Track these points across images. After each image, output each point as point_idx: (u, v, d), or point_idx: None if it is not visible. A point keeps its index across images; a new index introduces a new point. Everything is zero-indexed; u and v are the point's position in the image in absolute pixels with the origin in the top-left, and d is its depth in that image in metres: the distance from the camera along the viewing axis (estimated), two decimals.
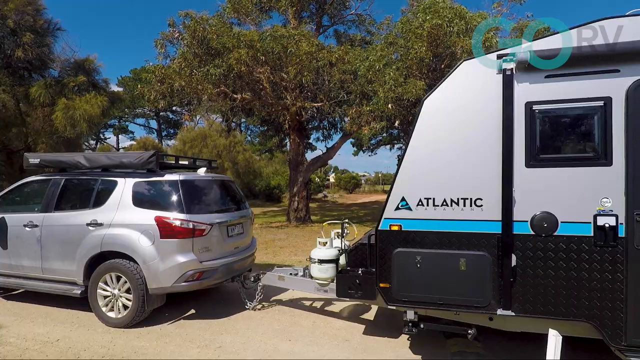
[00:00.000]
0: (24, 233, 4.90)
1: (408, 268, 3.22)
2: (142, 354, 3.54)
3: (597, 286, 2.80)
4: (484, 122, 3.05)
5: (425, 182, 3.22)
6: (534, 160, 2.95)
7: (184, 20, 11.99)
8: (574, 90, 2.87)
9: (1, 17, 10.37)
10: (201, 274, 4.44)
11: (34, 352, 3.63)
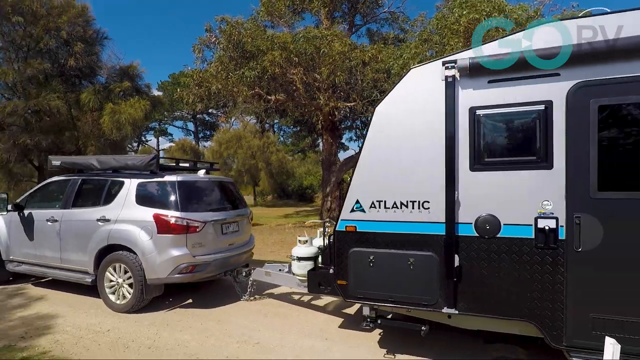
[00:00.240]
0: (47, 227, 5.49)
1: (362, 267, 3.40)
2: (184, 346, 3.72)
3: (539, 287, 2.87)
4: (430, 127, 3.14)
5: (378, 186, 3.37)
6: (478, 164, 3.02)
7: (220, 25, 12.39)
8: (516, 95, 2.92)
9: (56, 29, 11.21)
10: (194, 267, 4.82)
11: (87, 340, 3.90)
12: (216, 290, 5.80)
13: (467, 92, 3.06)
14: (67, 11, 11.47)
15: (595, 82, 2.70)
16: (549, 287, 2.84)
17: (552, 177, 2.82)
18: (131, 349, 3.70)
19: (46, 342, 3.86)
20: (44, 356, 3.54)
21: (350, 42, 12.70)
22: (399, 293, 3.27)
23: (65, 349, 3.69)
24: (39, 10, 11.12)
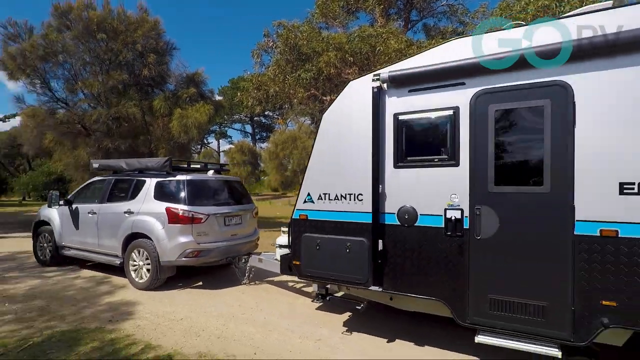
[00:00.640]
0: (88, 218, 6.64)
1: (311, 249, 4.00)
2: (250, 338, 3.94)
3: (448, 271, 3.31)
4: (364, 131, 3.68)
5: (324, 181, 3.98)
6: (401, 162, 3.54)
7: (277, 30, 12.78)
8: (430, 102, 3.41)
9: (132, 43, 12.33)
10: (199, 253, 5.70)
11: (164, 327, 4.25)
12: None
13: (392, 100, 3.61)
14: (142, 26, 12.57)
15: (493, 90, 3.13)
16: (456, 270, 3.28)
17: (458, 173, 3.26)
18: (202, 337, 3.99)
19: (129, 326, 4.30)
20: (129, 339, 3.93)
21: (406, 39, 12.44)
22: (339, 273, 3.85)
23: (145, 334, 4.07)
24: (119, 26, 12.32)
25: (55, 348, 3.72)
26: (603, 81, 2.77)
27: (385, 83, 3.61)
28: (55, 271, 6.87)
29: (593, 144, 2.80)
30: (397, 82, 3.54)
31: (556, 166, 2.92)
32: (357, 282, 3.73)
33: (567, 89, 2.89)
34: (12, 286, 5.93)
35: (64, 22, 12.12)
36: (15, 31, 12.24)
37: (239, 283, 6.04)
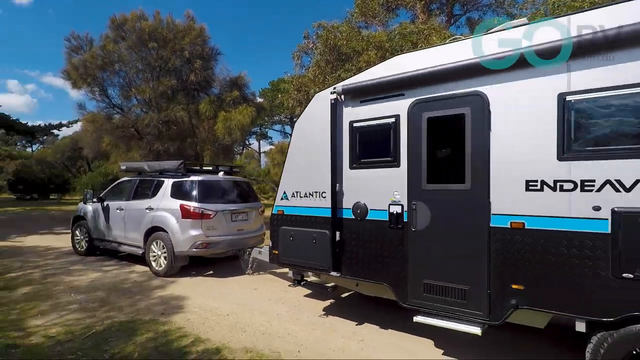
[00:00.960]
0: (117, 214, 7.55)
1: (286, 240, 4.60)
2: (294, 336, 4.00)
3: (391, 259, 3.77)
4: (325, 137, 4.20)
5: (296, 180, 4.57)
6: (355, 164, 4.05)
7: (317, 31, 12.86)
8: (378, 111, 3.88)
9: (180, 50, 12.99)
10: (207, 244, 6.45)
11: (211, 321, 4.48)
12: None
13: (347, 109, 4.13)
14: (189, 33, 13.20)
15: (425, 100, 3.57)
16: (397, 258, 3.74)
17: (399, 173, 3.72)
18: (248, 333, 4.12)
19: (180, 319, 4.53)
20: (180, 331, 4.15)
21: (449, 35, 12.06)
22: (308, 260, 4.42)
23: (195, 327, 4.27)
24: (168, 35, 13.02)
25: (114, 337, 4.00)
26: (512, 91, 3.13)
27: (341, 95, 4.11)
28: (113, 265, 7.39)
29: (504, 146, 3.15)
30: (351, 94, 4.06)
31: (475, 166, 3.28)
32: (321, 268, 4.34)
33: (483, 98, 3.25)
34: (76, 278, 6.45)
35: (120, 34, 13.02)
36: (77, 44, 13.33)
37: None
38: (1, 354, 3.60)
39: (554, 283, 2.92)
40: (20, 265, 7.41)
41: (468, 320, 3.31)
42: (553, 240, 2.92)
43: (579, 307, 2.83)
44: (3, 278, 6.46)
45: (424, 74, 3.52)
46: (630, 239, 2.61)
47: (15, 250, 9.08)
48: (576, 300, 2.84)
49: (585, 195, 2.81)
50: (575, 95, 2.86)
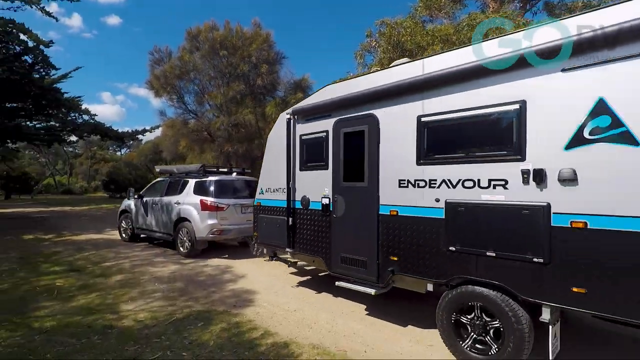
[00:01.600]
0: (153, 207, 9.24)
1: (262, 225, 5.95)
2: (359, 336, 3.97)
3: (323, 238, 4.95)
4: (284, 147, 5.42)
5: (268, 179, 5.86)
6: (303, 167, 5.23)
7: (379, 29, 12.68)
8: (316, 127, 5.03)
9: (248, 56, 13.66)
10: (221, 232, 7.98)
11: (279, 316, 4.65)
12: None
13: (299, 126, 5.30)
14: (256, 40, 13.84)
15: (342, 119, 4.66)
16: (326, 238, 4.88)
17: (328, 174, 4.86)
18: (314, 330, 4.19)
19: (250, 312, 4.75)
20: (250, 324, 4.35)
21: (524, 22, 11.16)
22: (275, 241, 5.71)
23: (264, 321, 4.45)
24: (237, 43, 13.78)
25: (192, 325, 4.32)
26: (391, 113, 4.14)
27: (294, 115, 5.35)
28: (190, 260, 7.99)
29: (387, 154, 4.19)
30: (299, 114, 5.28)
31: (370, 169, 4.35)
32: (282, 246, 5.58)
33: (375, 118, 4.30)
34: (159, 269, 7.09)
35: (195, 44, 14.06)
36: (159, 56, 14.66)
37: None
38: (100, 333, 4.08)
39: (414, 255, 3.90)
40: (113, 256, 8.34)
41: (367, 284, 4.41)
42: (413, 223, 3.90)
43: (428, 272, 3.78)
44: (100, 266, 7.32)
45: (342, 99, 4.63)
46: (454, 221, 3.54)
47: (109, 242, 10.24)
48: (427, 267, 3.79)
49: (431, 190, 3.76)
50: (426, 117, 3.80)
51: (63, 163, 57.90)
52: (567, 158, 2.91)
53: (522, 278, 3.11)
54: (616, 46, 2.69)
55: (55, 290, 5.71)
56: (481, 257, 3.35)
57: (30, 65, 16.50)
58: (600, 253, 2.75)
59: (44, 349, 3.72)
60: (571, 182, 2.89)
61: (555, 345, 3.11)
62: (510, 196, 3.20)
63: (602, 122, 2.77)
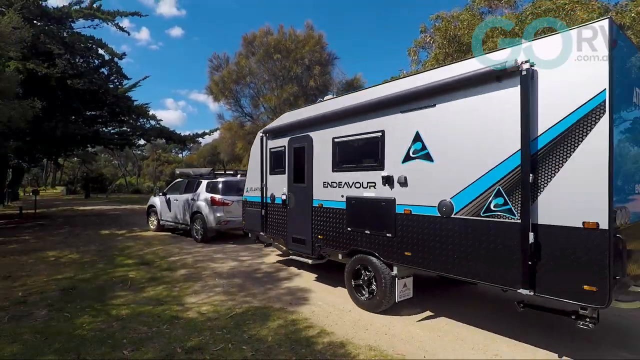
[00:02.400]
0: (174, 203, 11.25)
1: (247, 216, 7.77)
2: (418, 340, 3.86)
3: (282, 224, 6.55)
4: (260, 157, 7.15)
5: (250, 180, 7.58)
6: (271, 172, 6.88)
7: (434, 23, 12.25)
8: (278, 143, 6.69)
9: (301, 58, 13.90)
10: (227, 222, 9.83)
11: (335, 316, 4.58)
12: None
13: (269, 142, 6.92)
14: (308, 42, 14.04)
15: (293, 138, 6.30)
16: (285, 224, 6.48)
17: (285, 177, 6.46)
18: (370, 331, 4.13)
19: (306, 310, 4.81)
20: (306, 322, 4.40)
21: (599, 5, 10.15)
22: (254, 227, 7.41)
23: (319, 320, 4.48)
24: (290, 46, 14.08)
25: (251, 320, 4.47)
26: (319, 135, 5.74)
27: (265, 134, 7.04)
28: (247, 257, 8.30)
29: (317, 164, 5.78)
30: (268, 133, 6.97)
31: (308, 174, 5.93)
32: (258, 231, 7.31)
33: (310, 138, 5.89)
34: (219, 265, 7.44)
35: (250, 49, 14.60)
36: (217, 63, 15.44)
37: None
38: (168, 323, 4.37)
39: (331, 233, 5.49)
40: (177, 251, 8.90)
41: (306, 256, 6.03)
42: (330, 212, 5.49)
43: (338, 245, 5.33)
44: (166, 261, 7.85)
45: (292, 123, 6.28)
46: (349, 210, 5.13)
47: (173, 238, 10.97)
48: (337, 242, 5.35)
49: (340, 189, 5.33)
50: (337, 138, 5.39)
51: (132, 165, 63.11)
52: (402, 169, 4.45)
53: (383, 247, 4.68)
54: (424, 99, 4.18)
55: (129, 281, 6.22)
56: (363, 234, 4.96)
57: (106, 76, 18.21)
58: (417, 229, 4.26)
59: (121, 334, 4.05)
60: (404, 184, 4.43)
61: (405, 292, 4.65)
62: (377, 193, 4.77)
63: (417, 146, 4.28)
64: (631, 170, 3.42)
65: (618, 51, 3.04)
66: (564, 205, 3.08)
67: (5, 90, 8.50)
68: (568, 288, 3.06)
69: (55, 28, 15.02)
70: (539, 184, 3.22)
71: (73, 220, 16.29)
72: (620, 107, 3.18)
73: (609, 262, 2.85)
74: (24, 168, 30.82)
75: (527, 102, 3.27)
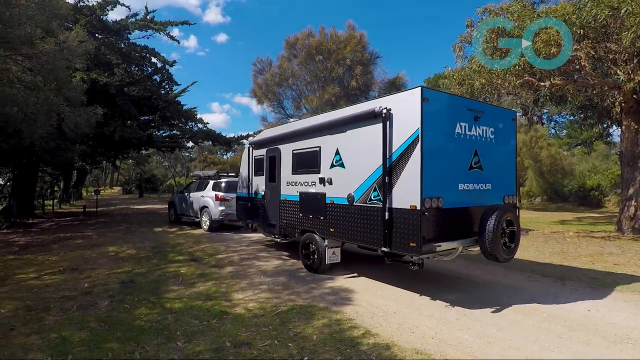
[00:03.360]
0: (188, 199, 13.78)
1: (239, 208, 10.14)
2: (466, 346, 3.73)
3: (262, 213, 8.65)
4: (247, 163, 9.41)
5: (241, 181, 9.90)
6: (255, 174, 9.04)
7: (482, 17, 11.74)
8: (260, 153, 8.86)
9: (342, 59, 13.91)
10: (227, 215, 11.96)
11: (379, 317, 4.59)
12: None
13: (254, 151, 9.05)
14: (350, 42, 14.01)
15: (269, 148, 8.41)
16: (263, 213, 8.60)
17: (264, 178, 8.62)
18: (416, 334, 4.04)
19: (350, 311, 4.80)
20: (351, 322, 4.39)
21: None
22: (244, 217, 9.58)
23: (364, 321, 4.45)
24: (331, 47, 14.13)
25: (296, 318, 4.54)
26: (284, 148, 7.81)
27: (251, 145, 9.14)
28: (290, 256, 8.44)
29: (283, 169, 7.82)
30: (253, 144, 9.09)
31: (278, 176, 7.92)
32: (247, 219, 9.42)
33: (279, 149, 7.92)
34: (263, 263, 7.63)
35: (292, 52, 14.85)
36: (261, 66, 15.83)
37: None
38: (217, 317, 4.55)
39: (290, 219, 7.50)
40: (224, 249, 9.25)
41: (277, 236, 8.15)
42: (290, 203, 7.50)
43: (295, 228, 7.38)
44: (214, 258, 8.18)
45: (268, 138, 8.46)
46: (301, 202, 7.11)
47: (220, 237, 11.41)
48: (294, 225, 7.40)
49: (296, 186, 7.32)
50: (295, 150, 7.42)
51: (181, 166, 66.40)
52: (329, 172, 6.48)
53: (319, 226, 6.68)
54: (340, 127, 6.20)
55: (180, 277, 6.56)
56: (309, 218, 6.96)
57: (158, 83, 19.30)
58: (336, 213, 6.25)
59: (175, 326, 4.29)
60: (330, 183, 6.44)
61: (334, 258, 6.60)
62: (316, 189, 6.79)
63: (337, 158, 6.30)
64: (452, 174, 5.27)
65: (430, 104, 4.86)
66: (402, 196, 5.04)
67: (72, 98, 9.30)
68: (404, 244, 4.99)
69: (114, 40, 16.15)
70: (392, 184, 5.20)
71: (129, 218, 17.46)
72: (439, 137, 5.10)
73: (421, 229, 4.73)
74: (87, 170, 33.50)
75: (385, 132, 5.28)
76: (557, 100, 15.45)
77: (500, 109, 6.39)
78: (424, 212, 4.73)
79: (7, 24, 5.78)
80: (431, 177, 4.85)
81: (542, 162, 25.24)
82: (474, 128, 5.53)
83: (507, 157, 6.15)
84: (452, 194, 5.21)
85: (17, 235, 11.81)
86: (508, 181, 6.13)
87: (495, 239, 4.96)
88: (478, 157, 5.59)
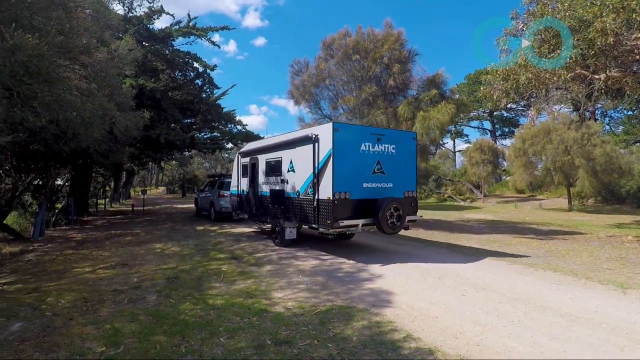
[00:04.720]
0: (205, 196, 17.53)
1: (231, 202, 13.49)
2: (516, 353, 3.50)
3: (247, 206, 11.71)
4: (236, 168, 12.75)
5: (233, 182, 13.19)
6: (242, 176, 12.24)
7: (528, 8, 11.12)
8: (245, 160, 12.03)
9: (380, 57, 13.72)
10: (226, 208, 15.05)
11: (420, 321, 4.39)
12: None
13: (242, 159, 12.34)
14: (387, 40, 13.78)
15: (252, 157, 11.52)
16: (248, 205, 11.61)
17: (247, 180, 11.69)
18: (460, 340, 3.89)
19: (390, 313, 4.70)
20: (391, 325, 4.30)
21: None
22: (235, 209, 12.88)
23: (405, 324, 4.34)
24: (368, 46, 13.99)
25: (335, 319, 4.52)
26: (261, 158, 10.91)
27: (239, 154, 12.47)
28: (328, 256, 8.43)
29: (260, 175, 11.00)
30: (242, 154, 12.33)
31: (256, 180, 11.17)
32: (237, 212, 12.54)
33: (258, 158, 11.10)
34: (301, 263, 7.68)
35: (329, 52, 14.85)
36: (298, 68, 15.98)
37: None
38: (258, 315, 4.63)
39: (264, 210, 10.63)
40: (263, 248, 9.42)
41: (257, 223, 11.91)
42: (264, 198, 10.63)
43: (267, 217, 10.58)
44: (254, 257, 8.35)
45: (250, 150, 11.73)
46: (271, 197, 10.17)
47: (258, 235, 11.65)
48: (267, 215, 10.57)
49: (268, 185, 10.45)
50: (267, 159, 10.52)
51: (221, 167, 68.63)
52: (287, 176, 9.40)
53: (282, 214, 9.55)
54: (292, 145, 9.23)
55: (222, 274, 6.75)
56: (276, 208, 9.79)
57: (200, 87, 20.05)
58: (291, 204, 9.17)
59: (217, 322, 4.41)
60: (287, 183, 9.35)
61: (290, 235, 9.25)
62: (280, 187, 9.65)
63: (291, 166, 9.27)
64: (358, 176, 7.98)
65: (339, 133, 7.71)
66: (324, 190, 7.82)
67: (122, 103, 9.88)
68: (325, 222, 7.73)
69: (160, 47, 16.99)
70: (319, 183, 7.98)
71: (173, 217, 18.29)
72: (347, 153, 7.83)
73: (333, 212, 7.54)
74: (134, 171, 35.48)
75: (315, 150, 8.16)
76: (613, 94, 14.29)
77: (401, 132, 9.70)
78: (335, 201, 7.53)
79: (68, 35, 6.24)
80: (340, 179, 7.63)
81: (595, 161, 23.49)
82: (377, 146, 8.22)
83: (407, 165, 8.77)
84: (358, 190, 7.92)
85: (74, 232, 12.73)
86: (408, 181, 8.79)
87: (382, 219, 7.76)
88: (380, 165, 8.26)
